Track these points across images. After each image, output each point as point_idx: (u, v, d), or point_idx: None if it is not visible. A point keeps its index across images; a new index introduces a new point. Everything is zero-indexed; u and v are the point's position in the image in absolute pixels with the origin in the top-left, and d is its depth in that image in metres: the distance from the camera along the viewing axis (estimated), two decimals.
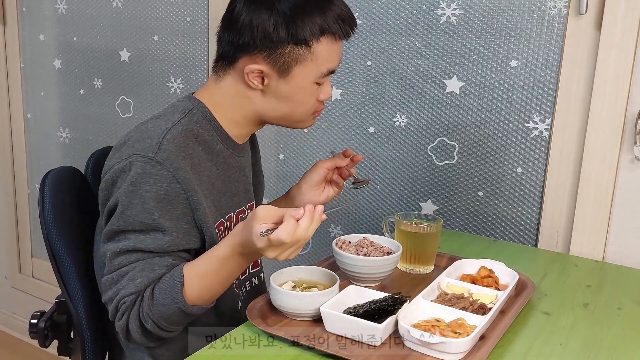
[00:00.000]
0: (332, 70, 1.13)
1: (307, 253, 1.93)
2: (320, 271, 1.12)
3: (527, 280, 1.19)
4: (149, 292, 1.04)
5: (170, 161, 1.04)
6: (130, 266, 1.05)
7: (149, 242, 1.04)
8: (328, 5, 1.08)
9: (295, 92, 1.12)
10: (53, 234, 1.22)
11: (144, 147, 1.05)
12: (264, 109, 1.14)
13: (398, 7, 1.65)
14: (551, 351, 0.99)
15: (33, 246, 2.68)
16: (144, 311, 1.03)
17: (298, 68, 1.09)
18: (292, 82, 1.10)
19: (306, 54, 1.08)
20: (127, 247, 1.05)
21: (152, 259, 1.05)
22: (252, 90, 1.12)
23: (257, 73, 1.10)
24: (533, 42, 1.49)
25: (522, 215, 1.56)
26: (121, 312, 1.05)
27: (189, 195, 1.06)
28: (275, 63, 1.08)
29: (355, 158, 1.31)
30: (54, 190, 1.24)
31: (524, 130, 1.53)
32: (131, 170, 1.04)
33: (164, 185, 1.03)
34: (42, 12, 2.41)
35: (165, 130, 1.07)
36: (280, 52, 1.07)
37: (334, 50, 1.11)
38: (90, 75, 2.32)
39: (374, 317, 0.96)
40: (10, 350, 2.67)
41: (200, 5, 1.99)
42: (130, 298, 1.04)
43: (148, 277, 1.04)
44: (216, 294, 1.08)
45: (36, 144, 2.57)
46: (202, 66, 2.03)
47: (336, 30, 1.09)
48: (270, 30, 1.06)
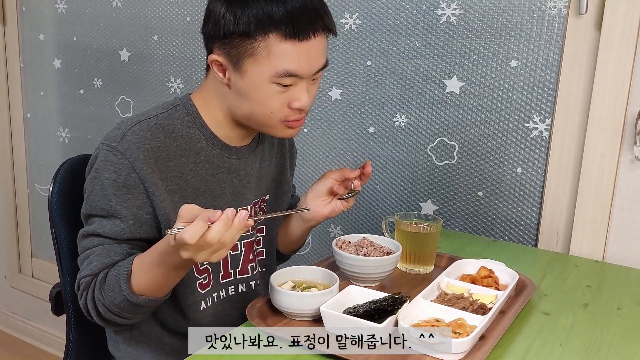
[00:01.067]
0: (292, 72, 1.05)
1: (307, 253, 1.93)
2: (320, 271, 1.12)
3: (527, 280, 1.19)
4: (102, 277, 1.07)
5: (130, 151, 1.07)
6: (91, 250, 1.10)
7: (108, 228, 1.09)
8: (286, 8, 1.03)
9: (250, 88, 1.08)
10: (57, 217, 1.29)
11: (110, 137, 1.10)
12: (231, 105, 1.14)
13: (398, 7, 1.65)
14: (551, 351, 0.99)
15: (33, 246, 2.67)
16: (96, 295, 1.07)
17: (249, 62, 1.05)
18: (246, 77, 1.07)
19: (255, 49, 1.04)
20: (90, 231, 1.10)
21: (110, 245, 1.09)
22: (223, 86, 1.12)
23: (218, 65, 1.10)
24: (533, 42, 1.49)
25: (522, 215, 1.56)
26: (80, 293, 1.10)
27: (146, 186, 1.08)
28: (228, 54, 1.07)
29: (366, 170, 1.23)
30: (65, 176, 1.31)
31: (524, 130, 1.53)
32: (97, 158, 1.10)
33: (122, 174, 1.07)
34: (42, 11, 2.40)
35: (134, 122, 1.11)
36: (230, 43, 1.06)
37: (291, 50, 1.04)
38: (90, 75, 2.32)
39: (374, 317, 0.96)
40: (10, 350, 2.67)
41: (200, 5, 1.99)
42: (86, 279, 1.08)
43: (103, 262, 1.08)
44: (162, 287, 1.06)
45: (36, 143, 2.57)
46: (202, 66, 2.03)
47: (287, 27, 1.02)
48: (222, 24, 1.05)
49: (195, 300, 1.18)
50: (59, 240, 1.30)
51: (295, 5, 1.03)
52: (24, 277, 2.71)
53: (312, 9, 1.05)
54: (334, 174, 1.26)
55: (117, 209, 1.08)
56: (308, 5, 1.05)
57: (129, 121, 1.12)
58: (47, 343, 2.64)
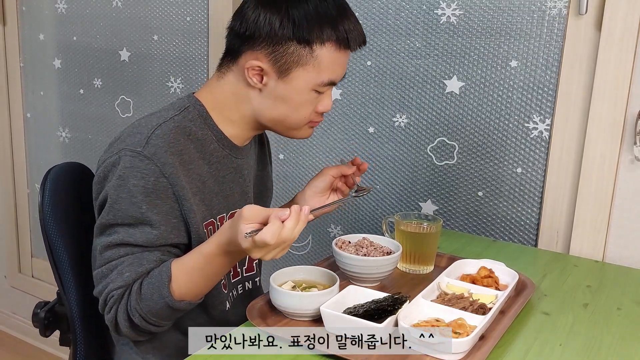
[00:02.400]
0: (333, 81, 1.12)
1: (307, 253, 1.93)
2: (320, 271, 1.12)
3: (527, 280, 1.19)
4: (137, 287, 1.04)
5: (158, 156, 1.05)
6: (119, 260, 1.06)
7: (138, 236, 1.05)
8: (338, 12, 1.09)
9: (292, 95, 1.11)
10: (51, 227, 1.24)
11: (133, 142, 1.06)
12: (260, 109, 1.14)
13: (398, 7, 1.65)
14: (551, 351, 0.99)
15: (33, 246, 2.68)
16: (132, 305, 1.04)
17: (298, 70, 1.09)
18: (291, 84, 1.10)
19: (308, 57, 1.08)
20: (116, 241, 1.06)
21: (141, 254, 1.06)
22: (250, 89, 1.12)
23: (257, 70, 1.10)
24: (533, 42, 1.49)
25: (522, 215, 1.56)
26: (109, 306, 1.06)
27: (175, 190, 1.07)
28: (276, 61, 1.08)
29: (362, 166, 1.29)
30: (54, 185, 1.25)
31: (524, 130, 1.53)
32: (120, 164, 1.05)
33: (151, 180, 1.05)
34: (42, 11, 2.40)
35: (155, 125, 1.08)
36: (283, 50, 1.07)
37: (337, 60, 1.11)
38: (90, 74, 2.32)
39: (374, 317, 0.96)
40: (10, 350, 2.67)
41: (200, 5, 1.99)
42: (118, 292, 1.05)
43: (136, 272, 1.05)
44: (203, 290, 1.08)
45: (36, 143, 2.57)
46: (202, 66, 2.03)
47: (342, 38, 1.09)
48: (277, 26, 1.06)
49: (222, 300, 1.19)
50: (54, 251, 1.24)
51: (347, 15, 1.10)
52: (24, 277, 2.71)
53: (357, 21, 1.12)
54: (332, 171, 1.29)
55: (148, 216, 1.05)
56: (354, 16, 1.12)
57: (147, 124, 1.09)
58: (47, 343, 2.64)
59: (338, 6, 1.10)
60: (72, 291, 1.24)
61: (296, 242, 1.93)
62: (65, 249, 1.25)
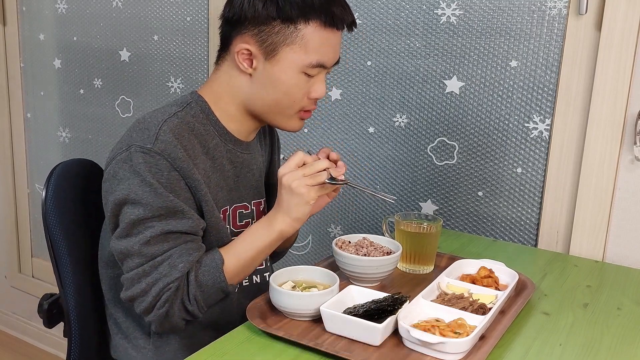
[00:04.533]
0: (322, 64, 1.11)
1: (307, 253, 1.93)
2: (320, 271, 1.12)
3: (527, 280, 1.19)
4: (193, 276, 1.08)
5: (168, 151, 1.07)
6: (166, 255, 1.07)
7: (178, 225, 1.07)
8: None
9: (281, 77, 1.10)
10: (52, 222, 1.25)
11: (142, 138, 1.07)
12: (252, 96, 1.14)
13: (398, 7, 1.65)
14: (551, 351, 0.99)
15: (33, 246, 2.68)
16: (192, 294, 1.08)
17: (285, 50, 1.09)
18: (279, 65, 1.10)
19: (294, 37, 1.08)
20: (156, 233, 1.05)
21: (185, 244, 1.08)
22: (242, 76, 1.13)
23: (247, 55, 1.11)
24: (533, 42, 1.49)
25: (522, 215, 1.56)
26: (164, 300, 1.06)
27: (187, 181, 1.09)
28: (262, 42, 1.09)
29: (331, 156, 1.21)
30: (59, 181, 1.27)
31: (524, 130, 1.53)
32: (132, 161, 1.06)
33: (164, 174, 1.07)
34: (42, 11, 2.41)
35: (161, 121, 1.10)
36: (269, 30, 1.08)
37: (325, 41, 1.10)
38: (90, 75, 2.32)
39: (374, 317, 0.96)
40: (10, 350, 2.67)
41: (200, 5, 1.99)
42: (175, 284, 1.06)
43: (188, 261, 1.08)
44: (248, 272, 1.16)
45: (36, 143, 2.57)
46: (202, 66, 2.03)
47: (327, 16, 1.08)
48: (260, 7, 1.07)
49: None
50: (55, 247, 1.25)
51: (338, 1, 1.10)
52: (24, 277, 2.71)
53: (345, 2, 1.12)
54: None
55: (177, 203, 1.07)
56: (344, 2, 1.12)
57: (152, 120, 1.10)
58: (47, 343, 2.64)
59: None
60: (70, 286, 1.26)
61: (296, 242, 1.93)
62: (66, 245, 1.26)
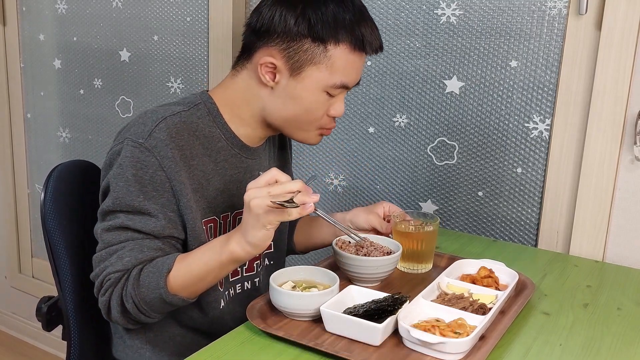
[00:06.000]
0: (346, 84, 1.12)
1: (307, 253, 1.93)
2: (320, 271, 1.12)
3: (527, 281, 1.19)
4: (136, 272, 1.05)
5: (159, 149, 1.06)
6: (120, 245, 1.07)
7: (138, 223, 1.06)
8: (357, 20, 1.10)
9: (303, 94, 1.11)
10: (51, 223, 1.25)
11: (136, 132, 1.08)
12: (270, 108, 1.14)
13: (398, 7, 1.65)
14: (551, 351, 0.99)
15: (33, 246, 2.68)
16: (127, 290, 1.05)
17: (311, 69, 1.09)
18: (302, 83, 1.10)
19: (322, 57, 1.09)
20: (116, 224, 1.07)
21: (142, 241, 1.07)
22: (262, 87, 1.13)
23: (271, 67, 1.11)
24: (533, 42, 1.49)
25: (522, 215, 1.56)
26: (105, 288, 1.07)
27: (173, 184, 1.08)
28: (289, 58, 1.09)
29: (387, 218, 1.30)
30: (57, 183, 1.26)
31: (524, 130, 1.53)
32: (121, 153, 1.07)
33: (149, 172, 1.06)
34: (42, 12, 2.41)
35: (160, 118, 1.09)
36: (297, 47, 1.08)
37: (351, 63, 1.11)
38: (90, 75, 2.32)
39: (374, 317, 0.96)
40: (10, 350, 2.67)
41: (200, 5, 1.99)
42: (115, 275, 1.06)
43: (136, 258, 1.06)
44: (198, 288, 1.08)
45: (36, 143, 2.57)
46: (202, 66, 2.03)
47: (357, 40, 1.09)
48: (292, 23, 1.07)
49: (216, 298, 1.19)
50: (54, 250, 1.25)
51: (365, 19, 1.11)
52: (24, 277, 2.71)
53: (375, 25, 1.13)
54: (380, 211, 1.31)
55: (145, 205, 1.06)
56: (372, 21, 1.13)
57: (152, 116, 1.10)
58: (47, 343, 2.64)
59: (356, 10, 1.11)
60: (68, 287, 1.26)
61: None
62: (65, 246, 1.26)
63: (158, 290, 1.03)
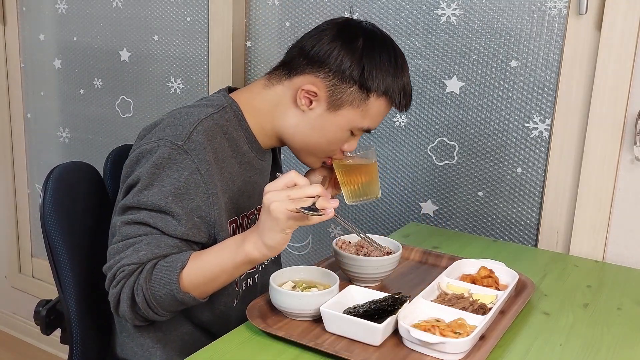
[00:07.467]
0: (370, 128, 1.18)
1: (307, 253, 1.93)
2: (320, 271, 1.12)
3: (527, 281, 1.19)
4: (150, 266, 1.05)
5: (197, 152, 1.07)
6: (138, 238, 1.06)
7: (159, 222, 1.06)
8: (401, 74, 1.16)
9: (331, 128, 1.15)
10: (51, 225, 1.24)
11: (174, 134, 1.08)
12: (295, 130, 1.17)
13: (398, 7, 1.65)
14: (551, 351, 0.99)
15: (33, 246, 2.68)
16: (139, 283, 1.04)
17: (347, 109, 1.14)
18: (335, 119, 1.14)
19: (361, 102, 1.13)
20: (137, 219, 1.06)
21: (160, 236, 1.06)
22: (294, 108, 1.16)
23: (311, 95, 1.13)
24: (533, 42, 1.49)
25: (522, 215, 1.56)
26: (117, 280, 1.06)
27: (209, 188, 1.08)
28: (332, 94, 1.13)
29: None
30: (57, 184, 1.25)
31: (524, 130, 1.53)
32: (157, 152, 1.07)
33: (184, 174, 1.06)
34: (42, 11, 2.41)
35: (197, 121, 1.10)
36: (344, 88, 1.12)
37: (382, 113, 1.17)
38: (90, 75, 2.32)
39: (374, 317, 0.96)
40: (10, 350, 2.67)
41: (200, 5, 1.99)
42: (130, 267, 1.05)
43: (152, 252, 1.05)
44: (211, 288, 1.07)
45: (36, 143, 2.57)
46: (202, 66, 2.03)
47: (396, 97, 1.16)
48: (347, 66, 1.11)
49: (231, 298, 1.21)
50: (54, 251, 1.24)
51: (408, 83, 1.18)
52: (24, 277, 2.71)
53: (411, 88, 1.20)
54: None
55: (172, 208, 1.06)
56: (410, 83, 1.20)
57: (188, 118, 1.10)
58: (47, 343, 2.64)
59: (399, 66, 1.16)
60: (69, 289, 1.25)
61: (296, 242, 1.93)
62: (65, 247, 1.25)
63: (170, 286, 1.03)
